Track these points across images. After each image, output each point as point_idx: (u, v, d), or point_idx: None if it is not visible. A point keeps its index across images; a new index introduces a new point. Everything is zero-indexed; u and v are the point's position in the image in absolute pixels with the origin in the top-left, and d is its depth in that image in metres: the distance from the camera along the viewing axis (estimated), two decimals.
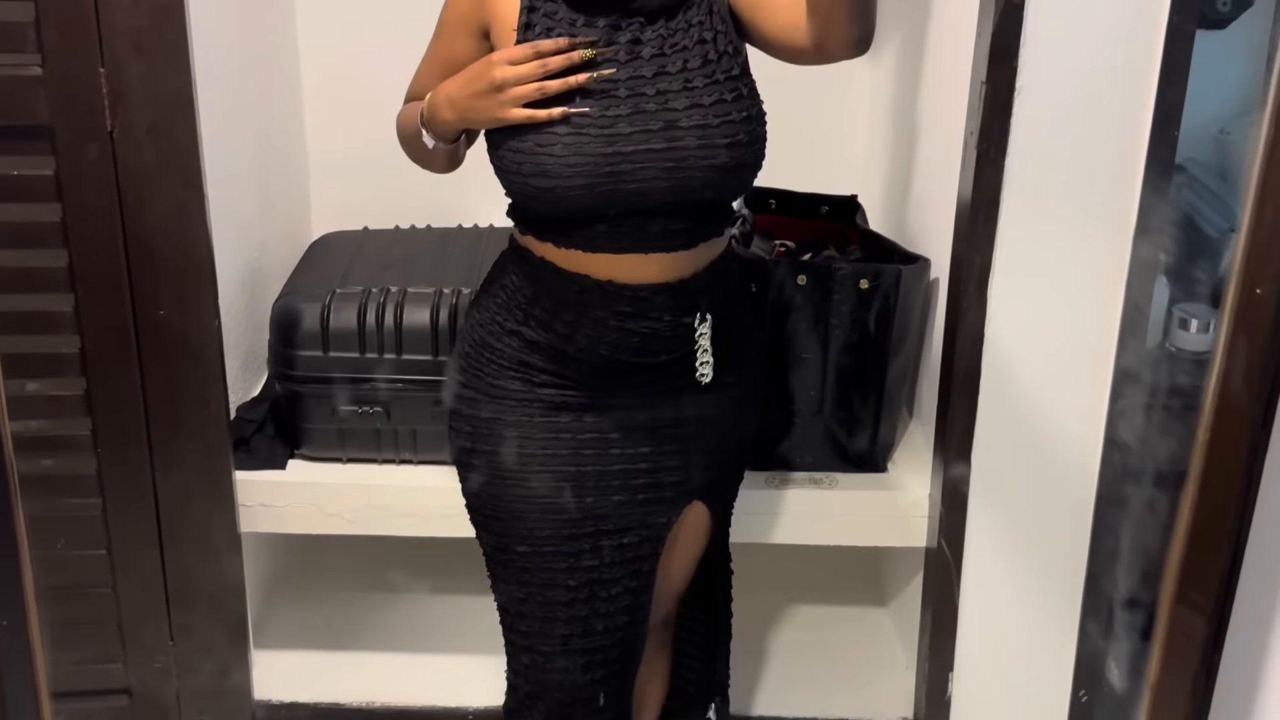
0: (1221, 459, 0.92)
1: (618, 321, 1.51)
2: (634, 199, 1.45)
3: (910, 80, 2.37)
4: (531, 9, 1.48)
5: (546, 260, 1.52)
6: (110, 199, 1.74)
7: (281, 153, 2.50)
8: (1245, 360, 0.89)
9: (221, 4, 2.02)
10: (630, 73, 1.45)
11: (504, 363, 1.58)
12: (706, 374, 1.57)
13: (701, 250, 1.54)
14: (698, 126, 1.44)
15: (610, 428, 1.58)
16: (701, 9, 1.49)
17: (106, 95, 1.69)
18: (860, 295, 2.04)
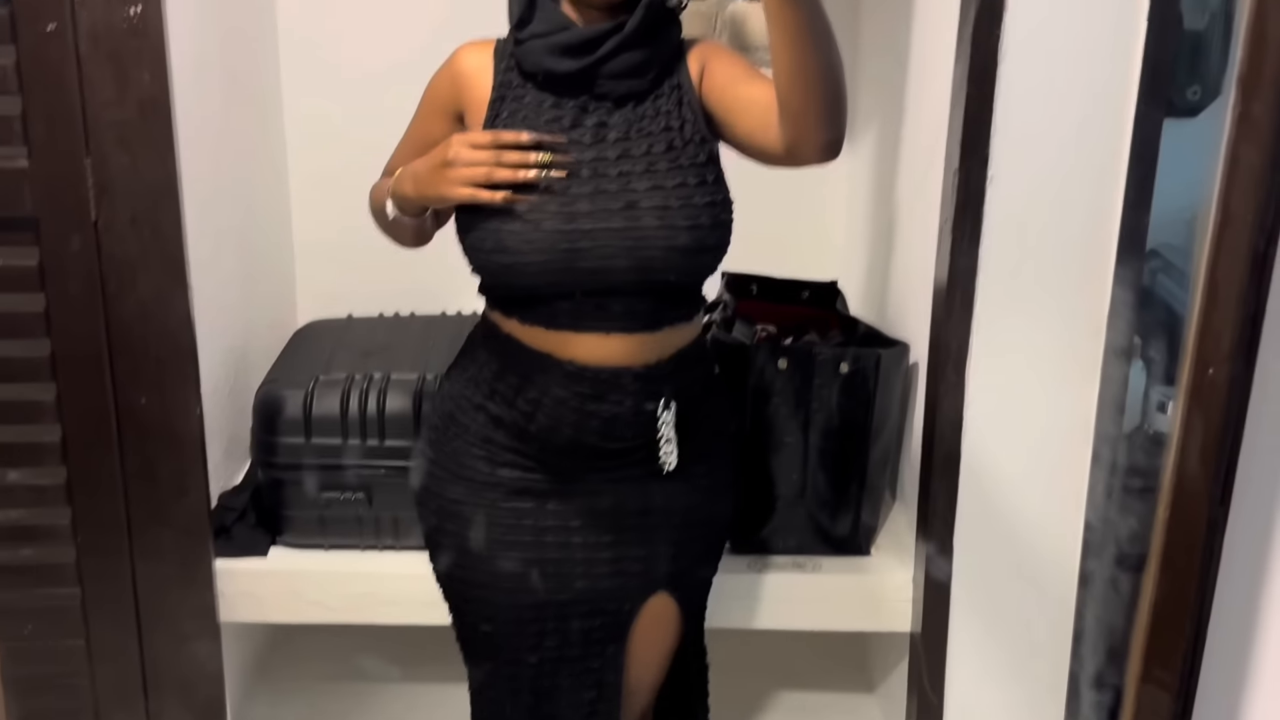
0: (1181, 535, 0.93)
1: (578, 403, 1.51)
2: (594, 277, 1.45)
3: (888, 169, 2.41)
4: (503, 91, 1.51)
5: (512, 336, 1.53)
6: (93, 288, 1.75)
7: (267, 241, 2.53)
8: (1201, 439, 0.90)
9: (207, 95, 2.05)
10: (595, 154, 1.47)
11: (469, 439, 1.58)
12: (670, 462, 1.56)
13: (667, 334, 1.54)
14: (659, 207, 1.45)
15: (572, 514, 1.58)
16: (671, 99, 1.52)
17: (92, 187, 1.71)
18: (841, 379, 2.05)
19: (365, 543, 2.08)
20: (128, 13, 1.64)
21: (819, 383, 2.06)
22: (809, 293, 2.42)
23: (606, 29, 1.47)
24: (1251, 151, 0.83)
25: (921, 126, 2.17)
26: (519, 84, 1.52)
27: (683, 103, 1.52)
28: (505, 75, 1.53)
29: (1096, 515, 1.23)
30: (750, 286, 2.41)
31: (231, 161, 2.23)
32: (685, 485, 1.62)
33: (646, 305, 1.51)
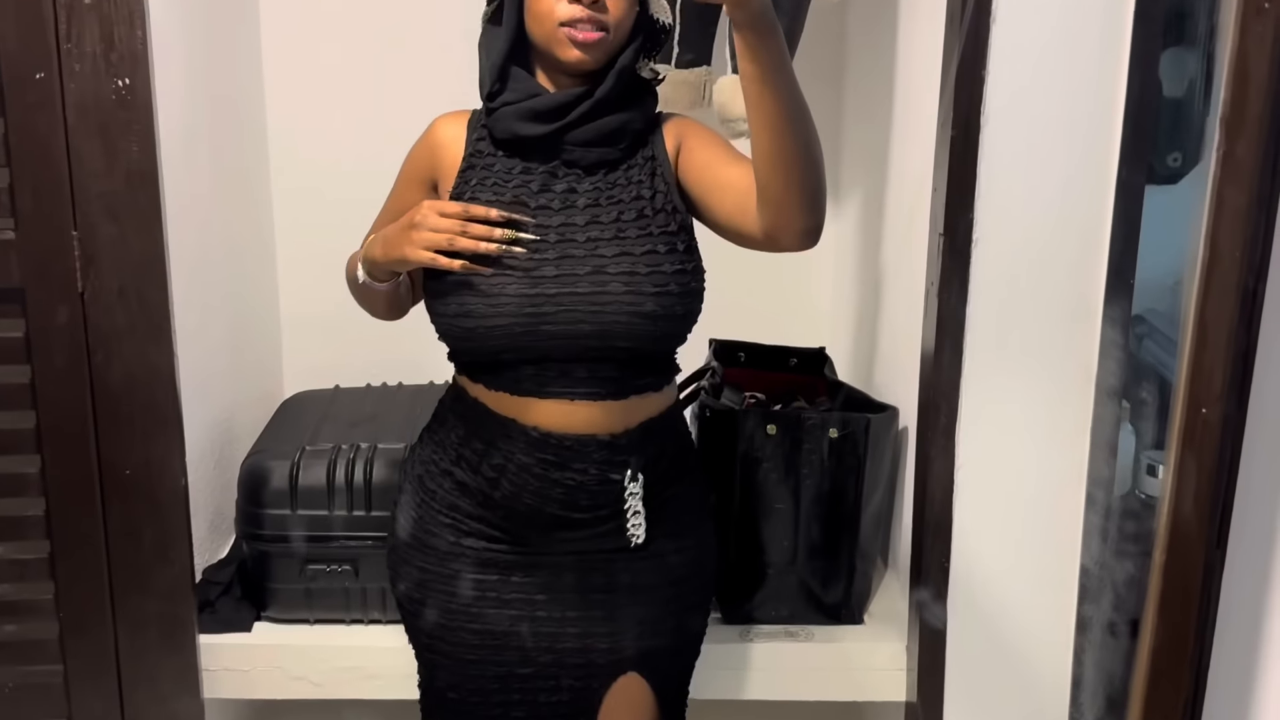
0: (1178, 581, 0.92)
1: (542, 470, 1.49)
2: (558, 342, 1.44)
3: (872, 235, 2.43)
4: (473, 160, 1.52)
5: (478, 401, 1.52)
6: (79, 360, 1.74)
7: (254, 314, 2.53)
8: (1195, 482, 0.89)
9: (196, 168, 2.06)
10: (562, 220, 1.47)
11: (437, 506, 1.56)
12: (638, 535, 1.53)
13: (634, 403, 1.52)
14: (625, 273, 1.44)
15: (537, 588, 1.55)
16: (644, 169, 1.52)
17: (79, 258, 1.71)
18: (830, 444, 2.05)
19: (351, 616, 2.05)
20: (116, 85, 1.65)
21: (808, 448, 2.05)
22: (797, 360, 2.42)
23: (577, 94, 1.47)
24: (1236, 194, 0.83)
25: (905, 191, 2.19)
26: (490, 152, 1.53)
27: (656, 174, 1.52)
28: (477, 144, 1.54)
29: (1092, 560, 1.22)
30: (738, 354, 2.41)
31: (219, 234, 2.24)
32: (654, 562, 1.58)
33: (612, 372, 1.49)
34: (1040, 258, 1.73)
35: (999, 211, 1.75)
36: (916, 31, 2.10)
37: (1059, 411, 1.71)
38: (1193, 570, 0.90)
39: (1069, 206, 1.67)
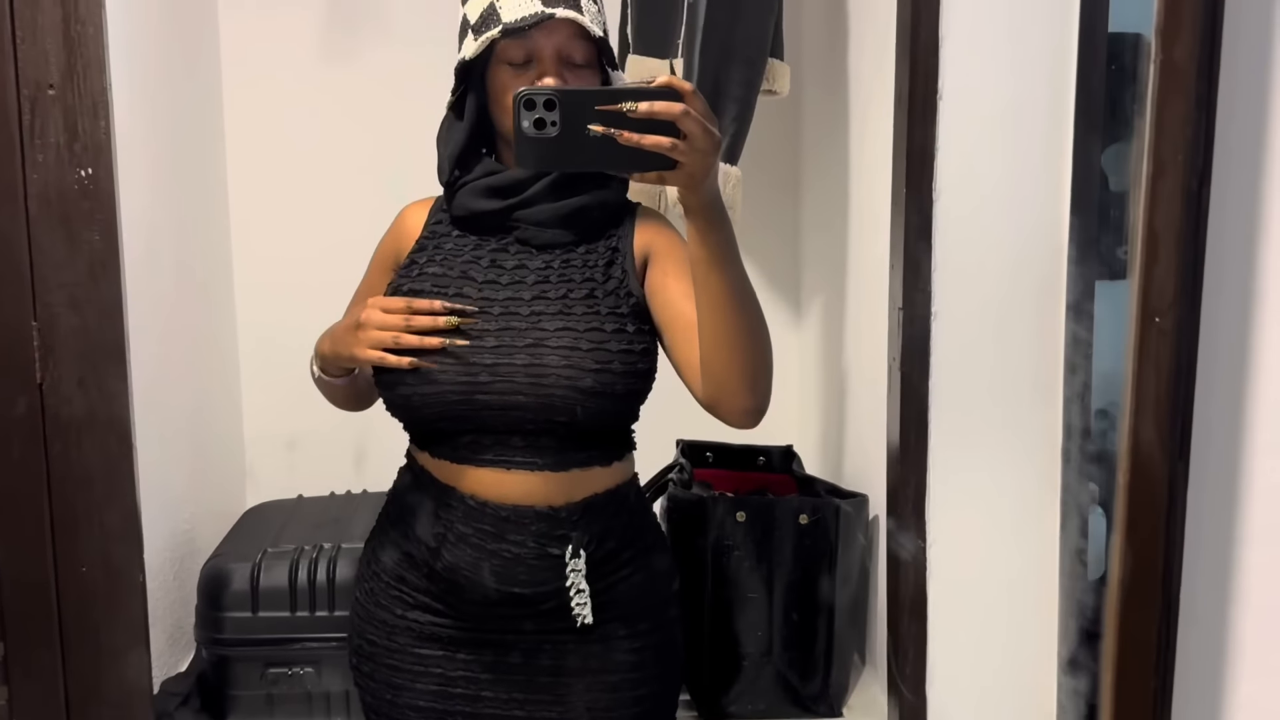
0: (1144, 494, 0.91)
1: (479, 540, 1.45)
2: (493, 412, 1.42)
3: (835, 330, 2.45)
4: (429, 236, 1.53)
5: (424, 469, 1.50)
6: (37, 452, 1.71)
7: (215, 422, 2.51)
8: (1154, 394, 0.89)
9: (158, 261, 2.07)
10: (509, 294, 1.45)
11: (386, 578, 1.53)
12: (583, 615, 1.47)
13: (576, 477, 1.47)
14: (566, 347, 1.41)
15: (482, 669, 1.50)
16: (603, 256, 1.50)
17: (38, 348, 1.69)
18: (801, 530, 2.03)
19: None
20: (79, 175, 1.66)
21: (779, 535, 2.03)
22: (764, 458, 2.42)
23: (534, 174, 1.48)
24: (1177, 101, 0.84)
25: (865, 280, 2.22)
26: (445, 232, 1.53)
27: (614, 263, 1.50)
28: (434, 225, 1.55)
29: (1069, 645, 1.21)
30: (705, 454, 2.41)
31: (182, 332, 2.24)
32: (604, 646, 1.51)
33: (551, 443, 1.45)
34: (998, 332, 1.74)
35: (955, 286, 1.78)
36: (869, 116, 2.16)
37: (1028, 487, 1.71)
38: (1158, 485, 0.89)
39: (1022, 281, 1.70)
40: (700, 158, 1.23)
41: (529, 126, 1.22)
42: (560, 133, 1.22)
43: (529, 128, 1.23)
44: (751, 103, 2.12)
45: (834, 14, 2.38)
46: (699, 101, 1.23)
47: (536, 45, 1.43)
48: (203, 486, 2.35)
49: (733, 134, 2.13)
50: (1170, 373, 0.89)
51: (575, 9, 1.42)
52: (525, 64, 1.44)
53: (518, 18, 1.40)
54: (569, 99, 1.22)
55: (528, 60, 1.44)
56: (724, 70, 2.10)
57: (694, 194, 1.27)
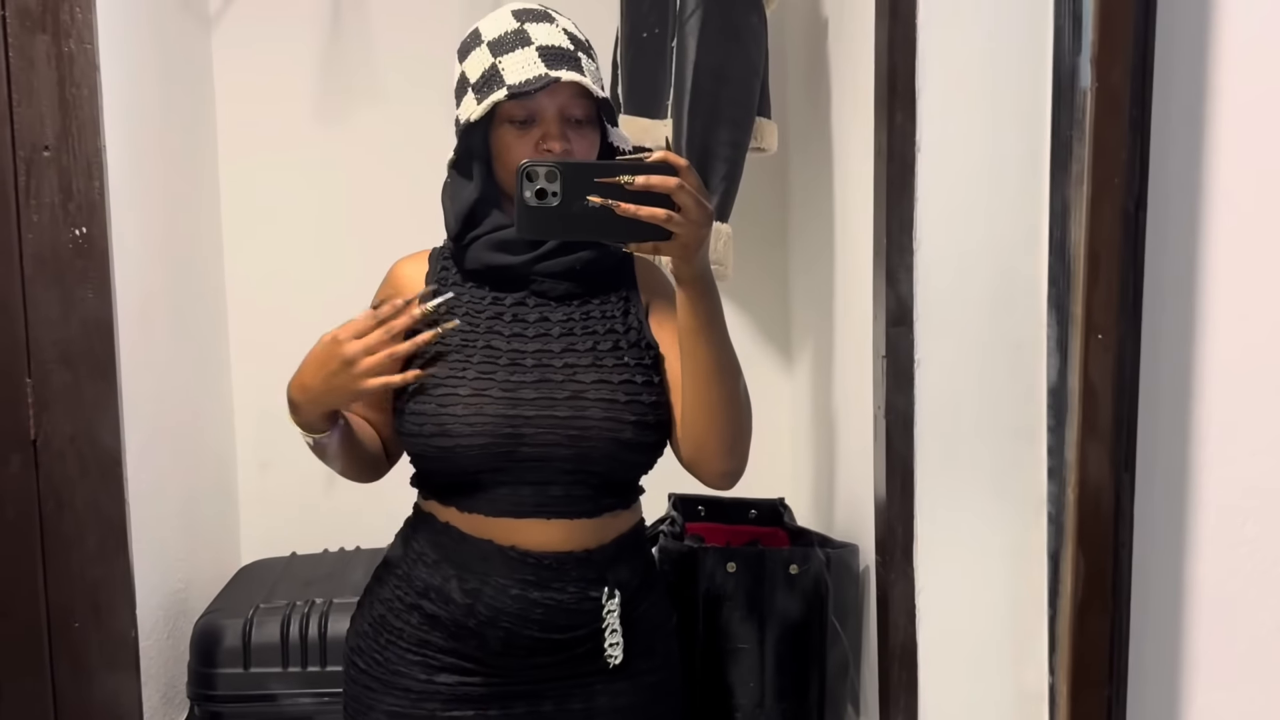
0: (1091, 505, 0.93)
1: (520, 590, 1.47)
2: (534, 463, 1.45)
3: (823, 385, 2.47)
4: (439, 283, 1.55)
5: (450, 525, 1.50)
6: (31, 509, 1.73)
7: (209, 481, 2.52)
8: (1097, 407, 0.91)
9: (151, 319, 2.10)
10: (539, 346, 1.48)
11: (404, 644, 1.52)
12: (616, 655, 1.51)
13: (607, 521, 1.52)
14: (605, 400, 1.46)
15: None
16: (617, 307, 1.54)
17: (32, 405, 1.72)
18: (791, 580, 2.04)
19: None
20: (74, 234, 1.70)
21: (770, 585, 2.04)
22: (755, 511, 2.42)
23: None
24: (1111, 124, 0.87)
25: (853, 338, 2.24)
26: (456, 283, 1.55)
27: (629, 313, 1.55)
28: (440, 276, 1.56)
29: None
30: (697, 508, 2.41)
31: (176, 392, 2.26)
32: (630, 683, 1.55)
33: (586, 492, 1.50)
34: (981, 377, 1.76)
35: (937, 333, 1.80)
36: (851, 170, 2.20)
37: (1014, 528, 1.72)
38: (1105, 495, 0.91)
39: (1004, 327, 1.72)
40: (694, 229, 1.29)
41: (530, 197, 1.28)
42: (560, 203, 1.28)
43: (530, 198, 1.28)
44: (740, 162, 2.16)
45: (816, 72, 2.42)
46: (693, 176, 1.29)
47: (540, 106, 1.46)
48: (196, 545, 2.36)
49: (722, 192, 2.17)
50: (1113, 386, 0.91)
51: (577, 70, 1.45)
52: (527, 122, 1.47)
53: (522, 80, 1.43)
54: (570, 171, 1.28)
55: (529, 119, 1.47)
56: (712, 131, 2.14)
57: (687, 264, 1.33)
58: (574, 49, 1.47)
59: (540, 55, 1.44)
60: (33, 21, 1.68)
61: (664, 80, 2.22)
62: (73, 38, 1.69)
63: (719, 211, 2.16)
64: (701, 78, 2.12)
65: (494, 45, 1.47)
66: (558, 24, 1.49)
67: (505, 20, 1.49)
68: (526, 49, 1.45)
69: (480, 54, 1.49)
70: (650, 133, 2.24)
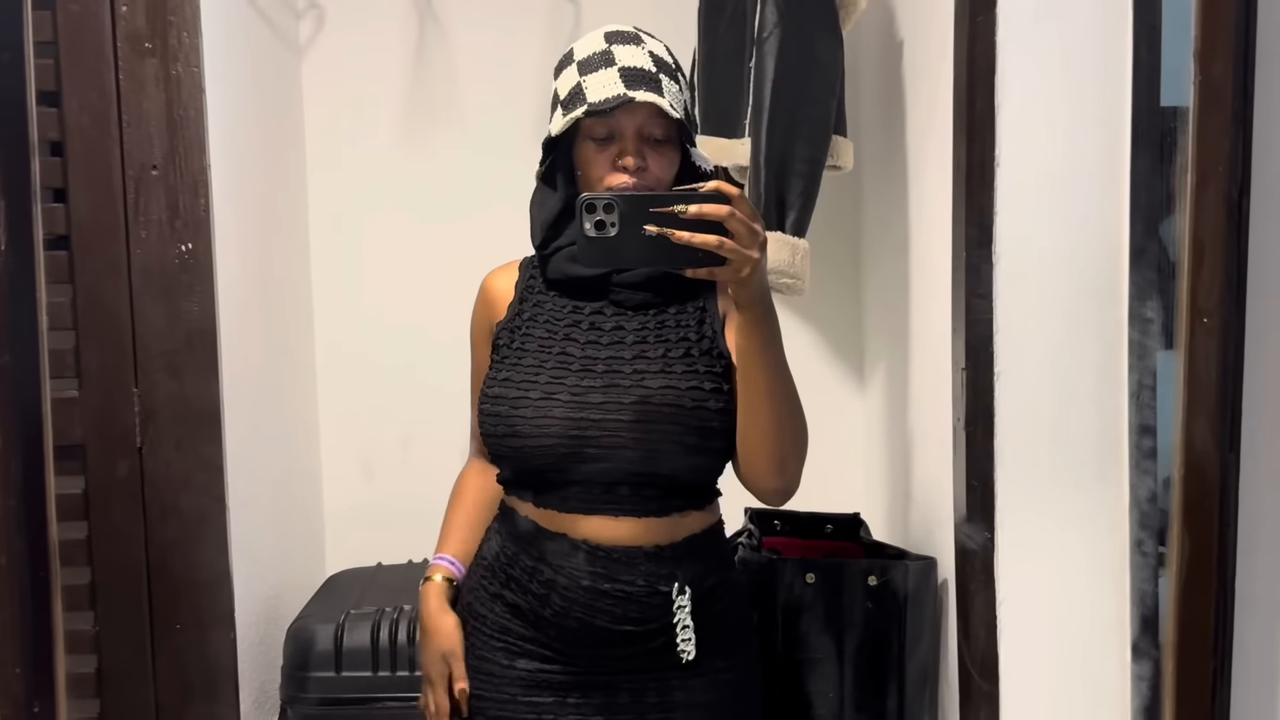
0: (1196, 490, 0.95)
1: (591, 582, 1.52)
2: (601, 465, 1.50)
3: (899, 398, 2.49)
4: (524, 295, 1.61)
5: (528, 519, 1.57)
6: (136, 515, 1.80)
7: (298, 493, 2.59)
8: (1203, 392, 0.93)
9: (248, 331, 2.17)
10: (611, 353, 1.54)
11: (488, 631, 1.59)
12: (688, 651, 1.54)
13: (676, 520, 1.56)
14: (670, 406, 1.50)
15: (592, 710, 1.55)
16: (693, 316, 1.59)
17: (138, 414, 1.79)
18: (870, 592, 2.06)
19: None
20: (180, 249, 1.77)
21: (848, 598, 2.06)
22: (832, 526, 2.45)
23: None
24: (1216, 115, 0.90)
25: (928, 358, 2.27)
26: (541, 290, 1.62)
27: (704, 322, 1.59)
28: (529, 283, 1.63)
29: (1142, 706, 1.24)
30: (774, 523, 2.44)
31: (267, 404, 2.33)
32: (707, 680, 1.59)
33: (654, 493, 1.54)
34: (1061, 389, 1.78)
35: (1017, 345, 1.82)
36: (926, 186, 2.22)
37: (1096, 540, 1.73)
38: (1210, 475, 0.94)
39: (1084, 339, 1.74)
40: (746, 255, 1.33)
41: (590, 228, 1.33)
42: (619, 233, 1.33)
43: (590, 229, 1.33)
44: (817, 178, 2.20)
45: (892, 91, 2.45)
46: (745, 204, 1.34)
47: (619, 124, 1.51)
48: (286, 553, 2.43)
49: (799, 208, 2.20)
50: (1218, 368, 0.94)
51: (656, 91, 1.50)
52: (607, 139, 1.52)
53: (601, 99, 1.49)
54: (626, 203, 1.34)
55: (609, 136, 1.52)
56: (790, 148, 2.18)
57: (742, 289, 1.37)
58: (656, 70, 1.52)
59: (621, 76, 1.49)
60: (142, 45, 1.76)
61: (741, 100, 2.27)
62: (180, 61, 1.77)
63: (796, 227, 2.20)
64: (780, 97, 2.16)
65: (582, 65, 1.53)
66: (644, 46, 1.54)
67: (596, 41, 1.55)
68: (609, 69, 1.50)
69: (570, 73, 1.55)
70: (727, 151, 2.28)
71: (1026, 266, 1.80)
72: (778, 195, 2.18)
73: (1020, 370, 1.82)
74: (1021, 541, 1.83)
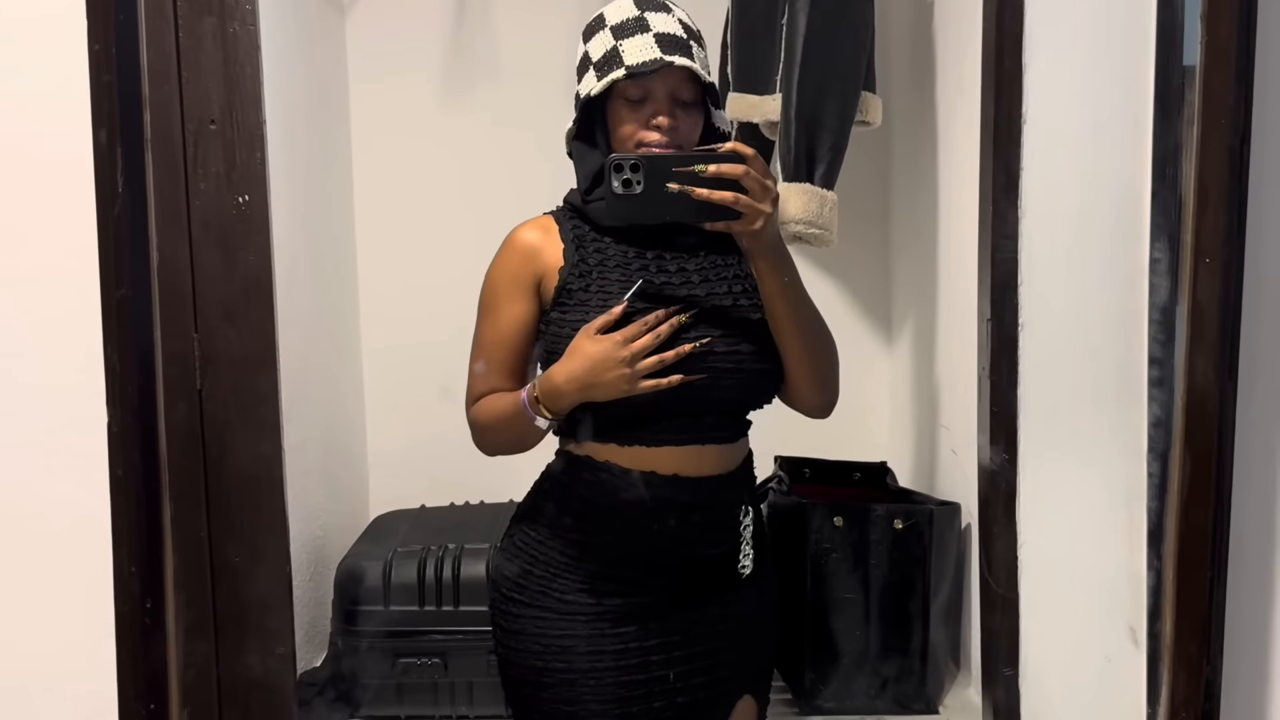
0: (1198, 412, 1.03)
1: (682, 514, 1.60)
2: (697, 395, 1.57)
3: (926, 352, 2.55)
4: (579, 244, 1.66)
5: (612, 463, 1.61)
6: (196, 452, 1.88)
7: (343, 438, 2.68)
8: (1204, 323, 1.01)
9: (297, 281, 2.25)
10: (686, 292, 1.60)
11: (572, 577, 1.63)
12: (748, 566, 1.65)
13: (740, 446, 1.67)
14: (750, 337, 1.59)
15: (672, 630, 1.63)
16: (737, 261, 1.65)
17: (198, 358, 1.86)
18: (896, 536, 2.14)
19: (440, 712, 2.12)
20: (237, 201, 1.84)
21: (875, 539, 2.14)
22: (860, 474, 2.52)
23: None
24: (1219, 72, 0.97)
25: (954, 306, 2.33)
26: (595, 237, 1.65)
27: (743, 264, 1.64)
28: (576, 232, 1.67)
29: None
30: (803, 470, 2.51)
31: (315, 352, 2.41)
32: (755, 589, 1.70)
33: (731, 420, 1.65)
34: (1083, 340, 1.84)
35: (1041, 298, 1.88)
36: (954, 143, 2.28)
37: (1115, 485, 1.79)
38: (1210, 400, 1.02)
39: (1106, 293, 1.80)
40: (759, 209, 1.46)
41: (618, 186, 1.46)
42: (644, 190, 1.46)
43: (618, 187, 1.46)
44: (846, 133, 2.25)
45: (921, 48, 2.50)
46: (759, 163, 1.46)
47: (653, 86, 1.58)
48: (333, 496, 2.52)
49: (828, 161, 2.26)
50: (1219, 304, 1.02)
51: (689, 57, 1.57)
52: (641, 101, 1.59)
53: (639, 62, 1.56)
54: (651, 163, 1.46)
55: (643, 98, 1.59)
56: (820, 104, 2.23)
57: (755, 239, 1.49)
58: (687, 38, 1.59)
59: (657, 41, 1.57)
60: (201, 4, 1.82)
61: (773, 57, 2.32)
62: (236, 19, 1.83)
63: (825, 179, 2.26)
64: (811, 53, 2.21)
65: (616, 30, 1.60)
66: (674, 14, 1.62)
67: (627, 7, 1.62)
68: (645, 35, 1.58)
69: (603, 36, 1.61)
70: (759, 108, 2.34)
71: (1052, 222, 1.85)
72: (808, 149, 2.23)
73: (1044, 322, 1.88)
74: (1043, 487, 1.89)
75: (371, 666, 2.11)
